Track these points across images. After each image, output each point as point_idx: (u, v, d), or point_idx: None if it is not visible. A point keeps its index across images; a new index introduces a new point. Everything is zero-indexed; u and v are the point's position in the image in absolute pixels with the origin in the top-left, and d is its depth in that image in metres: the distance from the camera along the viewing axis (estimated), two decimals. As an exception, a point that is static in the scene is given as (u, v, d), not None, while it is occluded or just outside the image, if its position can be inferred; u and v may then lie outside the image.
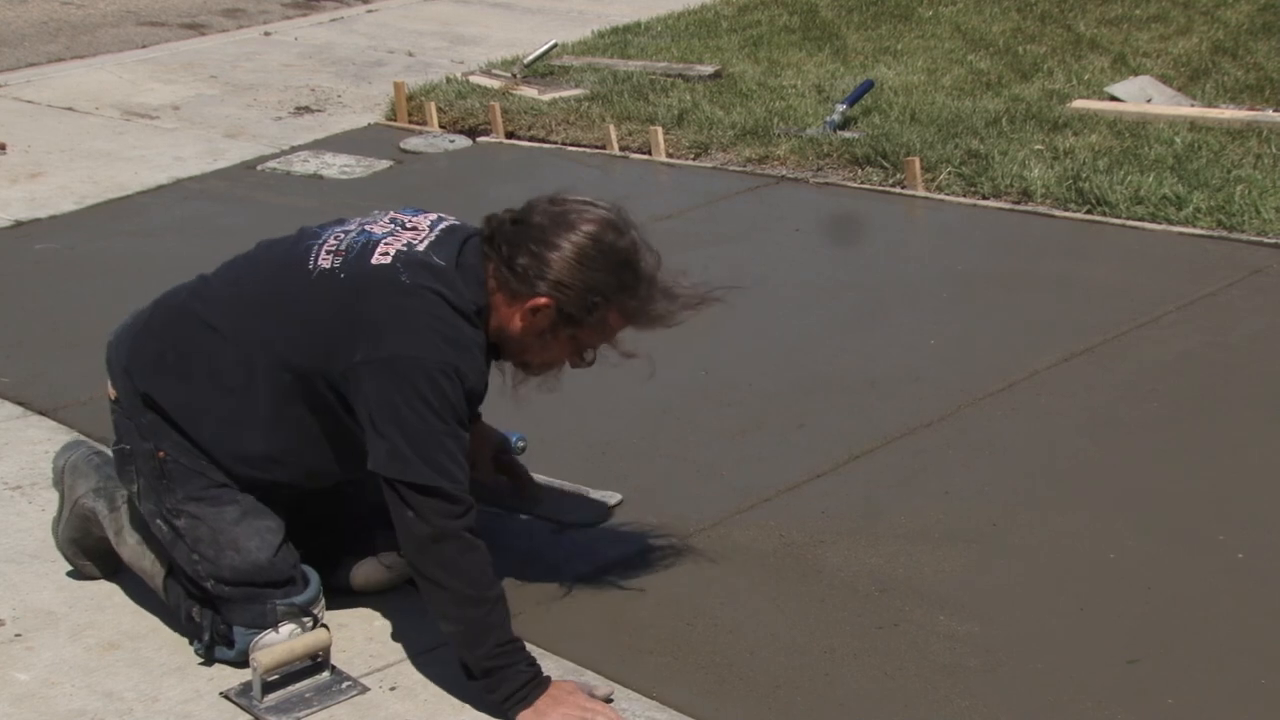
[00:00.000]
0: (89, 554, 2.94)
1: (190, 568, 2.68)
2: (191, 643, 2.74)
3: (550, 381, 2.73)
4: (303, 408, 2.61)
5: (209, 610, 2.68)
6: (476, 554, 2.50)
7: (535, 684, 2.48)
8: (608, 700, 2.53)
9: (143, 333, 2.75)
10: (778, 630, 2.76)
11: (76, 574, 2.98)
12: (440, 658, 2.71)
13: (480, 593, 2.49)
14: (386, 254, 2.56)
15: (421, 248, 2.58)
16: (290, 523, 2.74)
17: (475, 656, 2.48)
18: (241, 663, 2.66)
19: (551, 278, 2.52)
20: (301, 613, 2.67)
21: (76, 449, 2.99)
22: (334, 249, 2.61)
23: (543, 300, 2.53)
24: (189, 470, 2.67)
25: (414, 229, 2.63)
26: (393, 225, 2.64)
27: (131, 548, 2.82)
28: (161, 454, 2.67)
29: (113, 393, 2.77)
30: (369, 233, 2.62)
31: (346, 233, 2.64)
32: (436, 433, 2.46)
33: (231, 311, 2.65)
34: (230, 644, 2.67)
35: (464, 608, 2.48)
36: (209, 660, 2.71)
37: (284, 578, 2.68)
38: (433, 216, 2.69)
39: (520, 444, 3.14)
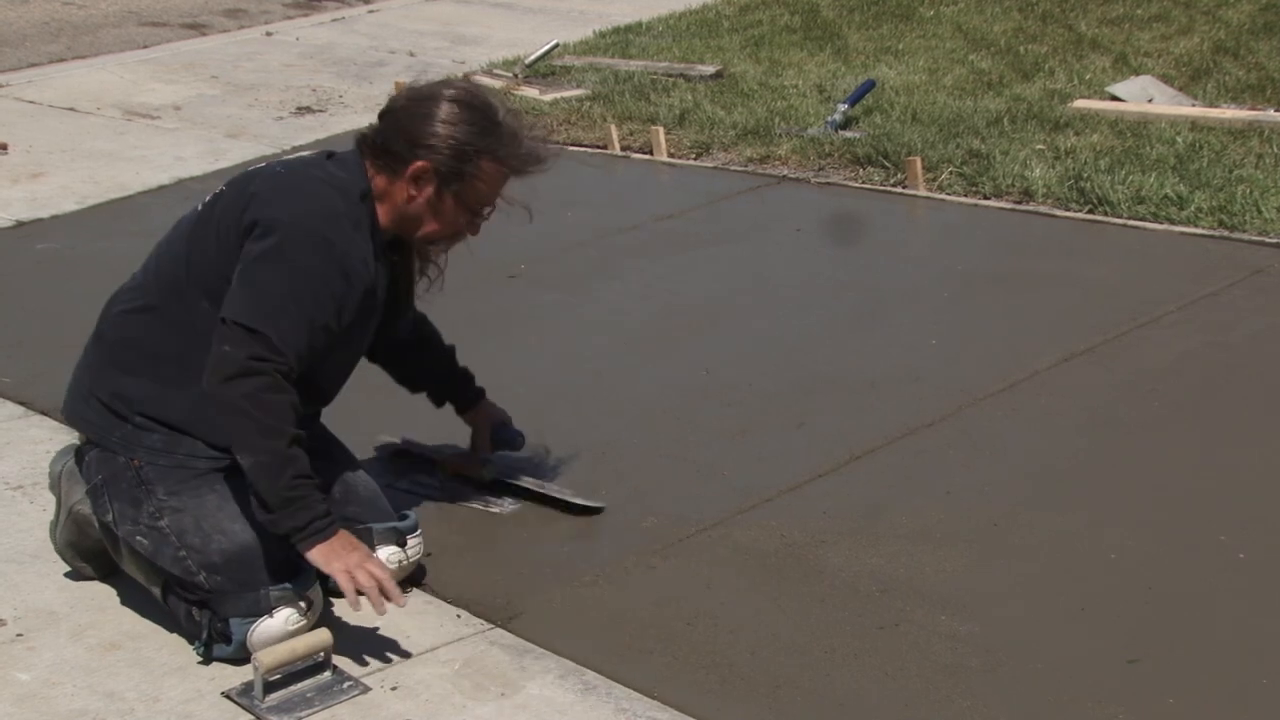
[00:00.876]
0: (86, 556, 2.95)
1: (180, 567, 2.68)
2: (192, 643, 2.74)
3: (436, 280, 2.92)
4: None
5: (207, 610, 2.69)
6: (285, 395, 2.56)
7: (330, 521, 2.57)
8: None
9: (90, 356, 2.85)
10: (779, 630, 2.76)
11: (75, 575, 2.98)
12: (441, 658, 2.71)
13: (283, 427, 2.54)
14: (263, 166, 2.80)
15: (292, 157, 2.79)
16: None
17: (275, 487, 2.53)
18: (241, 658, 2.66)
19: (423, 142, 2.70)
20: (297, 597, 2.68)
21: (70, 455, 2.99)
22: (221, 186, 2.79)
23: (420, 163, 2.70)
24: (166, 467, 2.71)
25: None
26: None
27: (127, 557, 2.81)
28: (136, 462, 2.71)
29: (80, 437, 2.86)
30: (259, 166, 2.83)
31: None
32: (283, 295, 2.56)
33: (151, 286, 2.78)
34: (228, 639, 2.68)
35: (267, 438, 2.53)
36: (208, 659, 2.71)
37: (275, 560, 2.68)
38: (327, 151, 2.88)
39: (519, 441, 3.30)
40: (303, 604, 2.68)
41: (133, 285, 2.85)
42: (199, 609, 2.70)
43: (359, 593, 2.56)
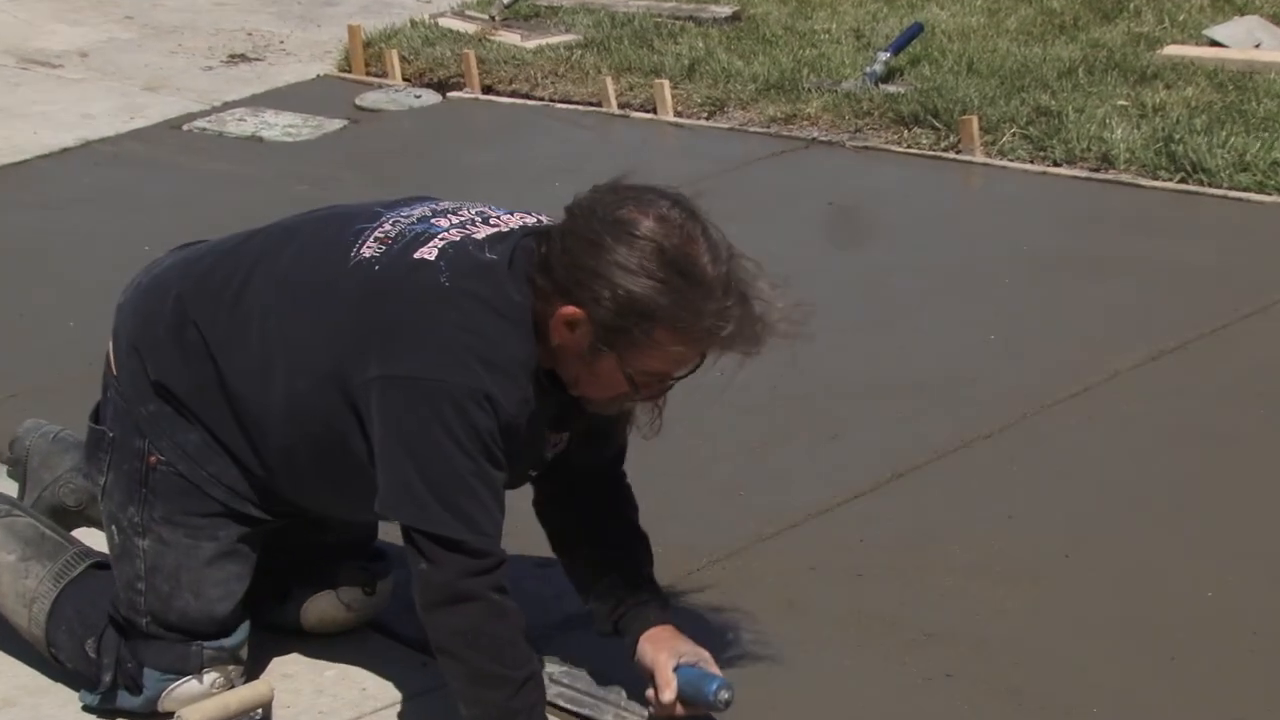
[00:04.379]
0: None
1: (127, 595, 2.68)
2: (79, 689, 2.74)
3: (650, 420, 2.59)
4: (316, 420, 2.54)
5: (114, 643, 2.69)
6: (503, 622, 2.44)
7: None
8: None
9: (157, 302, 2.69)
10: (805, 682, 2.78)
11: None
12: (403, 714, 2.73)
13: (504, 671, 2.43)
14: (434, 248, 2.48)
15: (478, 237, 2.50)
16: None
17: None
18: (143, 714, 2.68)
19: (585, 282, 2.38)
20: (231, 659, 2.70)
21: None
22: (383, 236, 2.55)
23: (570, 309, 2.41)
24: (181, 485, 2.64)
25: (494, 225, 2.55)
26: (471, 216, 2.58)
27: (6, 567, 2.77)
28: (153, 459, 2.65)
29: (114, 368, 2.72)
30: (431, 223, 2.55)
31: (407, 218, 2.58)
32: (460, 473, 2.39)
33: (260, 291, 2.60)
34: (138, 690, 2.69)
35: (482, 687, 2.44)
36: (103, 709, 2.71)
37: (229, 628, 2.71)
38: (531, 219, 2.60)
39: (725, 695, 2.58)
40: (234, 669, 2.70)
41: (242, 267, 2.65)
42: (101, 641, 2.69)
43: None
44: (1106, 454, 3.55)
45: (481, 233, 2.52)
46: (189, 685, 2.67)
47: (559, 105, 6.28)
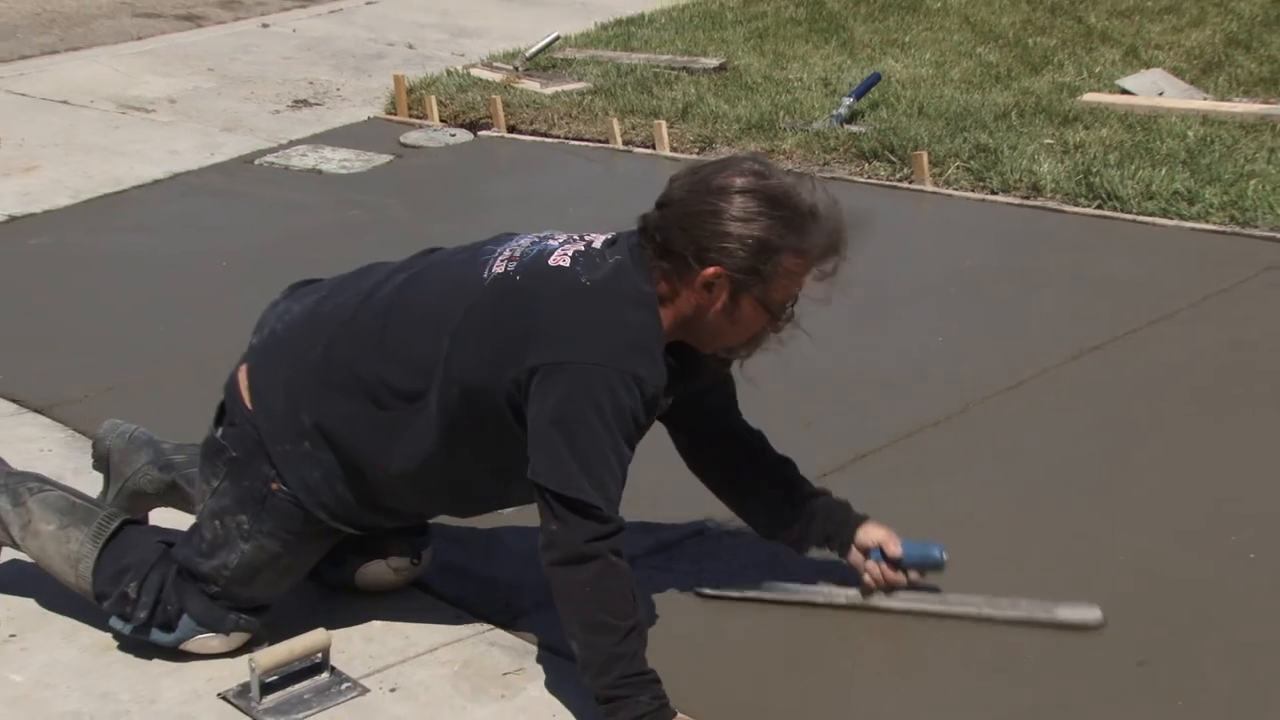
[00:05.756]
0: None
1: (210, 565, 2.65)
2: (111, 620, 2.72)
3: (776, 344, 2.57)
4: (470, 425, 2.50)
5: (155, 586, 2.67)
6: (618, 579, 2.41)
7: (654, 716, 2.37)
8: None
9: (306, 350, 2.62)
10: (773, 638, 2.76)
11: None
12: (441, 659, 2.71)
13: (614, 620, 2.39)
14: (565, 255, 2.47)
15: (598, 245, 2.50)
16: None
17: (598, 683, 2.40)
18: (165, 648, 2.68)
19: (714, 245, 2.39)
20: (251, 626, 2.71)
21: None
22: (509, 256, 2.52)
23: (711, 270, 2.40)
24: (292, 510, 2.61)
25: (589, 239, 2.55)
26: (568, 235, 2.57)
27: (49, 535, 2.75)
28: (274, 485, 2.61)
29: (249, 402, 2.64)
30: (545, 243, 2.53)
31: (520, 244, 2.56)
32: (604, 448, 2.37)
33: (403, 328, 2.55)
34: (171, 629, 2.68)
35: (594, 633, 2.40)
36: (135, 637, 2.70)
37: (265, 609, 2.74)
38: (609, 234, 2.57)
39: (945, 555, 2.76)
40: (249, 633, 2.71)
41: (376, 308, 2.59)
42: (142, 584, 2.67)
43: None
44: (1037, 438, 3.53)
45: (596, 241, 2.52)
46: (213, 638, 2.69)
47: (572, 142, 6.26)
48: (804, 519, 2.79)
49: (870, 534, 2.76)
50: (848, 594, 2.80)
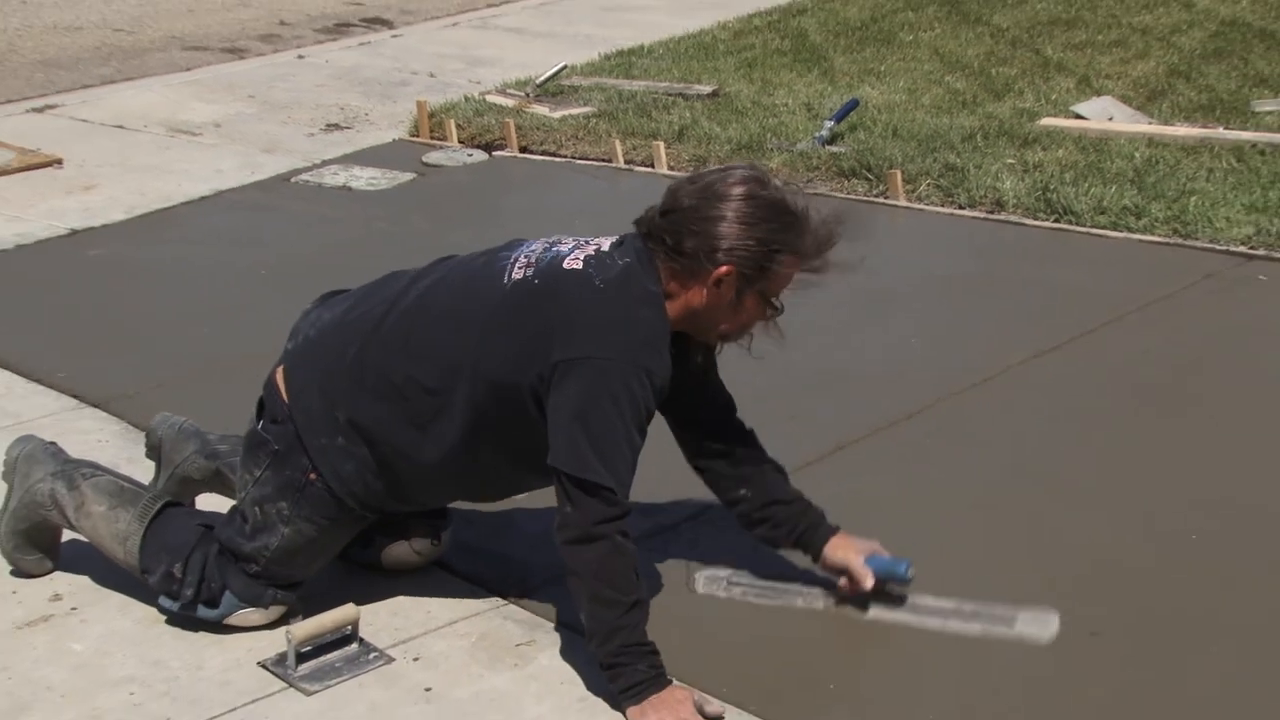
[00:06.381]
0: (34, 542, 2.88)
1: (252, 547, 2.64)
2: (160, 599, 2.71)
3: (773, 333, 2.59)
4: (495, 418, 2.49)
5: (198, 566, 2.65)
6: (623, 559, 2.41)
7: (650, 684, 2.38)
8: (718, 719, 2.41)
9: (337, 356, 2.60)
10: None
11: (18, 573, 2.91)
12: (459, 631, 2.70)
13: (618, 596, 2.40)
14: (578, 259, 2.48)
15: (606, 248, 2.50)
16: None
17: (601, 650, 2.41)
18: (211, 623, 2.68)
19: (725, 246, 2.42)
20: (286, 601, 2.70)
21: (30, 441, 2.93)
22: (525, 262, 2.51)
23: (723, 269, 2.43)
24: (327, 497, 2.60)
25: (596, 243, 2.54)
26: (575, 240, 2.56)
27: (100, 515, 2.75)
28: (312, 476, 2.60)
29: (287, 399, 2.62)
30: (556, 248, 2.53)
31: (534, 250, 2.54)
32: (618, 436, 2.37)
33: (429, 330, 2.54)
34: (214, 605, 2.67)
35: (599, 606, 2.40)
36: (182, 614, 2.69)
37: (298, 586, 2.73)
38: (614, 238, 2.56)
39: (912, 571, 2.68)
40: (285, 606, 2.70)
41: (402, 316, 2.57)
42: (185, 564, 2.66)
43: None
44: (1002, 429, 3.52)
45: (604, 244, 2.52)
46: (253, 612, 2.67)
47: (579, 161, 6.24)
48: (778, 520, 2.73)
49: (838, 551, 2.69)
50: (825, 599, 2.72)
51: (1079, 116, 6.33)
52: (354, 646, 2.64)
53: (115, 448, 3.48)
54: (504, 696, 2.51)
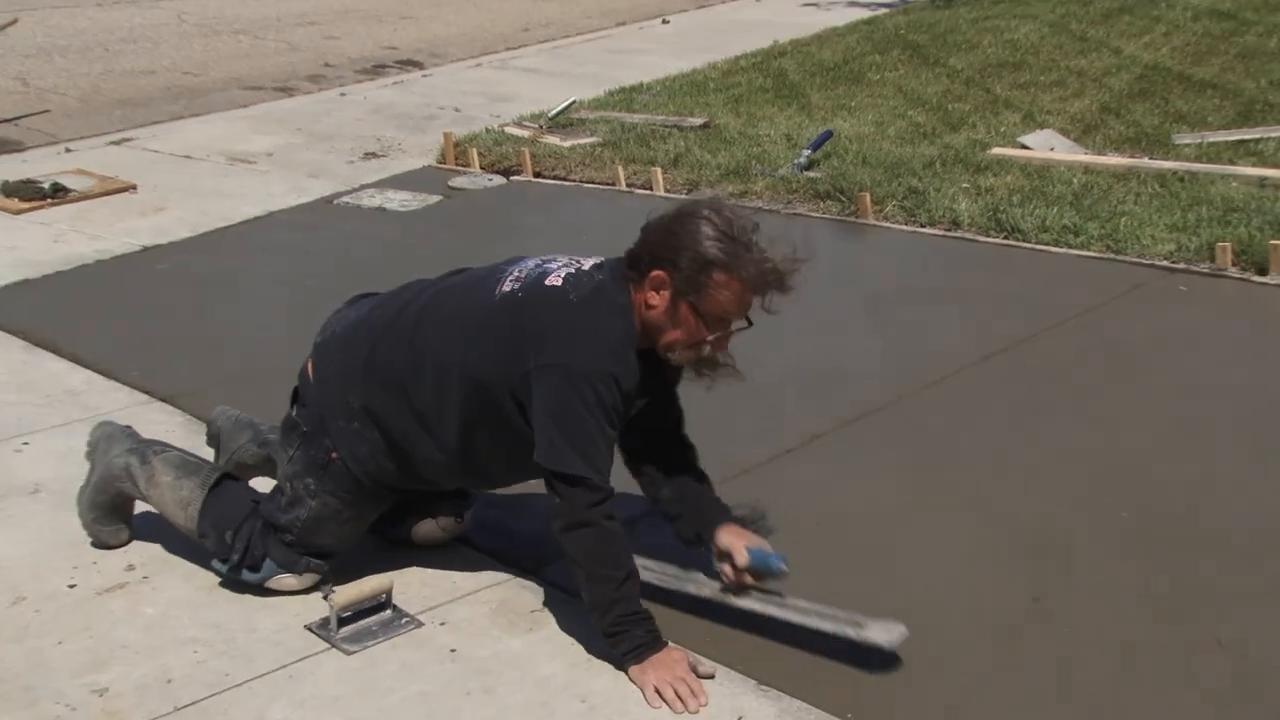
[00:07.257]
0: (111, 512, 2.87)
1: (286, 518, 2.65)
2: (212, 561, 2.72)
3: (727, 372, 2.52)
4: (484, 414, 2.49)
5: (246, 534, 2.66)
6: (611, 539, 2.40)
7: (649, 646, 2.39)
8: (710, 677, 2.40)
9: (356, 349, 2.61)
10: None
11: (98, 544, 2.90)
12: (481, 599, 2.70)
13: (610, 573, 2.40)
14: (559, 277, 2.47)
15: (586, 267, 2.50)
16: None
17: (602, 621, 2.41)
18: (253, 586, 2.69)
19: (663, 254, 2.40)
20: (319, 569, 2.69)
21: (109, 425, 2.95)
22: (516, 276, 2.52)
23: (658, 271, 2.40)
24: (347, 474, 2.61)
25: (579, 263, 2.54)
26: (565, 259, 2.55)
27: (167, 484, 2.76)
28: (334, 455, 2.61)
29: (315, 384, 2.64)
30: (545, 266, 2.53)
31: (527, 266, 2.55)
32: (590, 430, 2.36)
33: (429, 331, 2.54)
34: (256, 570, 2.68)
35: (596, 583, 2.40)
36: (228, 577, 2.70)
37: (330, 555, 2.72)
38: (601, 258, 2.56)
39: (784, 566, 2.54)
40: (319, 575, 2.69)
41: (409, 317, 2.58)
42: (236, 532, 2.66)
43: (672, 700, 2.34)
44: (957, 422, 3.52)
45: (587, 264, 2.51)
46: (290, 577, 2.68)
47: (586, 185, 6.24)
48: (689, 517, 2.65)
49: (723, 538, 2.57)
50: (712, 587, 2.60)
51: (1024, 147, 6.33)
52: (388, 612, 2.63)
53: (180, 437, 3.46)
54: (520, 657, 2.51)
